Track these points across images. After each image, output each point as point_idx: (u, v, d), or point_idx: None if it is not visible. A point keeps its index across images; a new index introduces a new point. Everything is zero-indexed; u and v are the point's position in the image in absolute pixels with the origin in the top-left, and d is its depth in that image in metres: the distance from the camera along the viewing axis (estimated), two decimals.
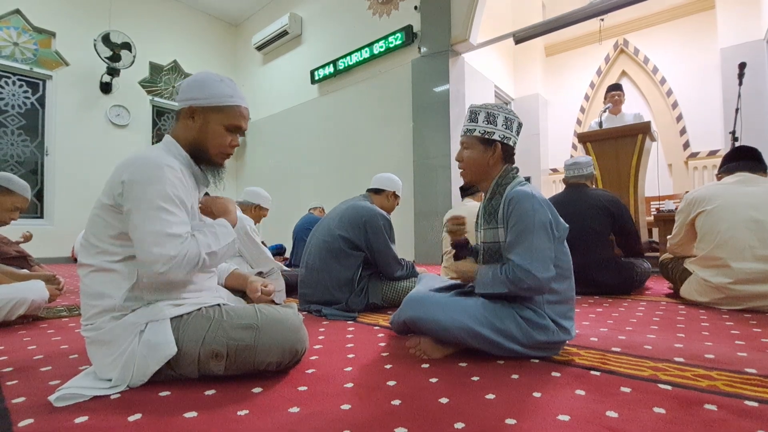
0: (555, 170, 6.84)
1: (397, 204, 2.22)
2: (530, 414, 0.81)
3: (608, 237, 2.36)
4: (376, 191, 2.17)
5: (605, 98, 3.89)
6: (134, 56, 6.02)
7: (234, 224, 1.14)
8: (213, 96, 1.06)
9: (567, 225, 1.20)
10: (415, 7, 4.90)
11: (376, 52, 5.27)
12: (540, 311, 1.15)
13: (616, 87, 3.86)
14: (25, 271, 2.12)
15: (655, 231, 3.68)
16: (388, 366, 1.12)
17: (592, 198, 2.37)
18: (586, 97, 6.62)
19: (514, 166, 1.29)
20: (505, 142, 1.24)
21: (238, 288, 1.42)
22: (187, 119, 1.08)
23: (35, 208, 5.62)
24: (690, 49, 5.63)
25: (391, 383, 0.99)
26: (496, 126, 1.23)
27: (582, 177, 2.49)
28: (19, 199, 1.96)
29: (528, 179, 1.38)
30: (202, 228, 1.05)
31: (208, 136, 1.08)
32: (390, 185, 2.18)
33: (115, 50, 5.82)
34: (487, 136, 1.23)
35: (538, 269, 1.08)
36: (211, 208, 1.15)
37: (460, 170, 1.31)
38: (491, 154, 1.24)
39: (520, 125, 1.29)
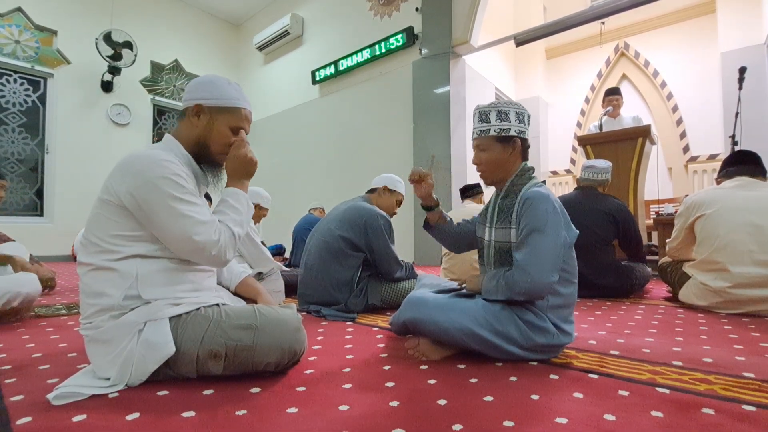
0: (555, 173, 6.84)
1: (398, 202, 2.18)
2: (528, 416, 0.81)
3: (610, 242, 2.36)
4: (372, 191, 2.19)
5: (603, 102, 3.90)
6: (135, 55, 6.03)
7: (246, 179, 1.14)
8: (221, 97, 1.09)
9: (577, 231, 1.19)
10: (417, 9, 4.91)
11: (377, 53, 5.28)
12: (541, 314, 1.14)
13: (614, 91, 3.87)
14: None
15: (655, 234, 3.69)
16: (386, 367, 1.12)
17: (600, 203, 2.37)
18: (587, 100, 6.63)
19: (530, 165, 1.27)
20: (522, 136, 1.23)
21: (248, 298, 1.39)
22: (193, 117, 1.09)
23: (35, 206, 5.62)
24: (691, 52, 5.64)
25: (390, 384, 0.99)
26: (510, 122, 1.21)
27: (595, 181, 2.48)
28: None
29: (543, 182, 1.35)
30: (219, 208, 1.07)
31: (212, 134, 1.10)
32: (380, 182, 2.17)
33: (117, 49, 5.83)
34: (503, 134, 1.21)
35: (538, 272, 1.07)
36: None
37: (480, 173, 1.29)
38: (511, 151, 1.22)
39: (529, 117, 1.27)
